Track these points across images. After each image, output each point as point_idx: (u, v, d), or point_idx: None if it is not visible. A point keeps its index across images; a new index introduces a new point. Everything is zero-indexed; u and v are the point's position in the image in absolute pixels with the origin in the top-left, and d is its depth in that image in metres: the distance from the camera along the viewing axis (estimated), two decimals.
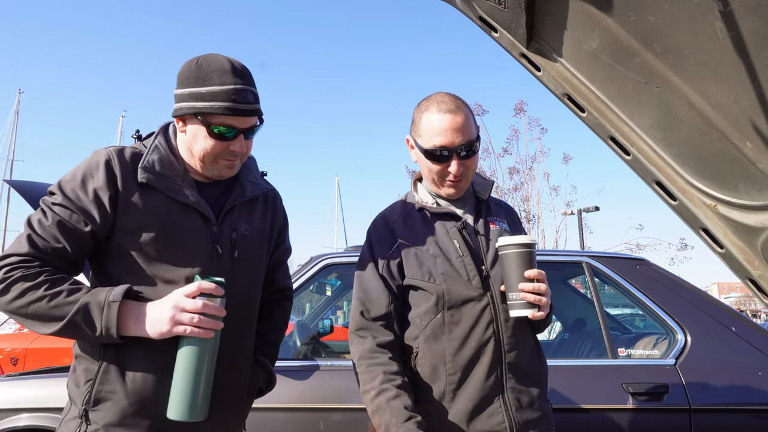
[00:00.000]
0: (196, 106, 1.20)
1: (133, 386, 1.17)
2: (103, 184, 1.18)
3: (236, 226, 1.31)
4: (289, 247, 1.56)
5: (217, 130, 1.20)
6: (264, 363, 1.42)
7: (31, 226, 1.16)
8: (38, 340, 5.76)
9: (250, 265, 1.34)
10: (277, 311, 1.52)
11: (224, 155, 1.24)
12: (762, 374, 2.11)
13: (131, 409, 1.16)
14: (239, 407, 1.35)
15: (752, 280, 0.85)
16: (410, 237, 1.39)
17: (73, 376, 1.22)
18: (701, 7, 0.57)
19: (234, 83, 1.20)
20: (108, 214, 1.18)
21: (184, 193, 1.24)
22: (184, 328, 1.12)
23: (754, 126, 0.63)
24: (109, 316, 1.11)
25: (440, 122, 1.33)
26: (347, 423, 2.09)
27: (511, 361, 1.30)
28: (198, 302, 1.13)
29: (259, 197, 1.41)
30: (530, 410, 1.30)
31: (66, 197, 1.18)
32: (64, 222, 1.16)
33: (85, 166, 1.22)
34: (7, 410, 2.18)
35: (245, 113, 1.21)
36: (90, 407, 1.16)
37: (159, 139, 1.29)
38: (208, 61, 1.23)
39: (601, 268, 2.50)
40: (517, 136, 16.07)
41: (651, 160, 0.82)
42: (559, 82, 0.86)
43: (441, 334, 1.30)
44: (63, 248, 1.16)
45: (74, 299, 1.12)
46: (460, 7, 0.92)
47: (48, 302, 1.10)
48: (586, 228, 15.58)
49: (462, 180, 1.38)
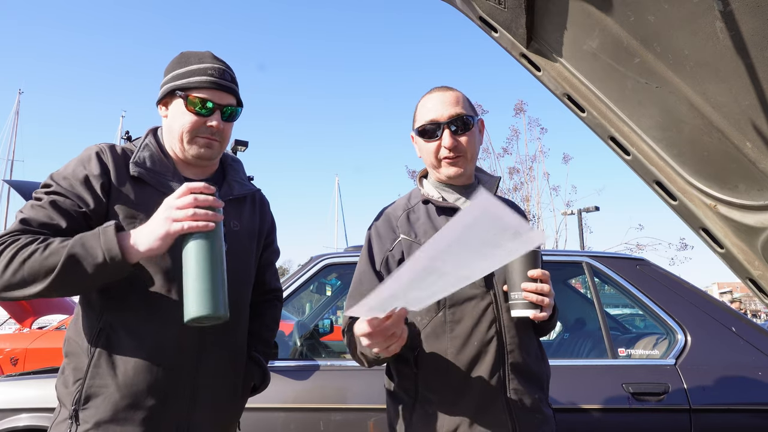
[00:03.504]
0: (176, 83, 1.28)
1: (124, 378, 1.15)
2: (96, 173, 1.20)
3: (226, 222, 1.32)
4: (278, 248, 1.60)
5: (194, 103, 1.26)
6: (258, 360, 1.44)
7: (22, 211, 1.16)
8: (38, 340, 5.77)
9: (240, 260, 1.36)
10: (268, 310, 1.55)
11: (202, 131, 1.28)
12: (762, 374, 2.11)
13: (123, 402, 1.15)
14: (234, 404, 1.35)
15: (752, 280, 0.85)
16: (413, 232, 1.36)
17: (61, 377, 1.21)
18: (701, 7, 0.57)
19: (212, 63, 1.30)
20: (101, 200, 1.19)
21: (174, 187, 1.25)
22: (180, 225, 1.09)
23: (754, 126, 0.63)
24: (107, 239, 1.07)
25: (430, 101, 1.36)
26: (347, 423, 2.09)
27: (514, 362, 1.28)
28: (189, 197, 1.11)
29: (247, 197, 1.45)
30: (533, 412, 1.27)
31: (59, 185, 1.19)
32: (58, 202, 1.16)
33: (76, 159, 1.24)
34: (7, 410, 2.18)
35: (221, 88, 1.28)
36: (80, 406, 1.15)
37: (149, 138, 1.34)
38: (191, 52, 1.34)
39: (601, 268, 2.50)
40: (517, 136, 16.11)
41: (651, 160, 0.82)
42: (559, 82, 0.86)
43: (442, 332, 1.28)
44: (56, 224, 1.14)
45: (67, 242, 1.09)
46: (460, 7, 0.92)
47: (41, 253, 1.07)
48: (586, 228, 15.59)
49: (460, 158, 1.35)
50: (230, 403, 1.33)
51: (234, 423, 1.39)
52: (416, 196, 1.45)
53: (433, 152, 1.36)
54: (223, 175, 1.42)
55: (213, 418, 1.27)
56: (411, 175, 16.02)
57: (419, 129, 1.37)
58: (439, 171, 1.39)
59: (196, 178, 1.35)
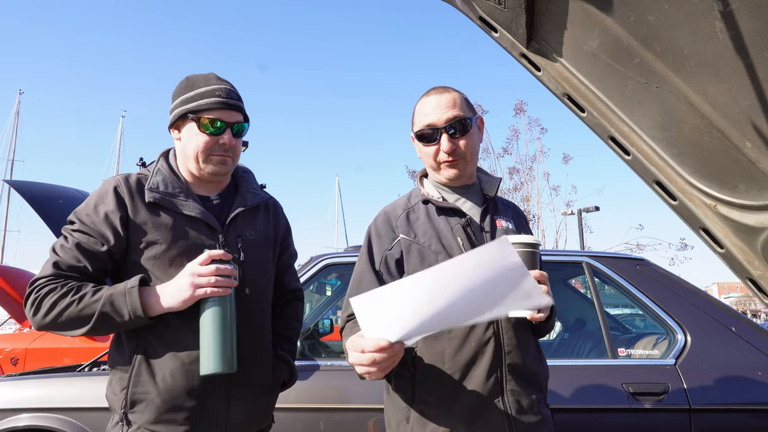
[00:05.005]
0: (187, 107, 1.37)
1: (164, 385, 1.28)
2: (113, 208, 1.31)
3: (241, 233, 1.42)
4: (295, 251, 1.68)
5: (206, 124, 1.35)
6: (284, 357, 1.53)
7: (54, 251, 1.30)
8: (38, 340, 5.76)
9: (258, 267, 1.45)
10: (289, 310, 1.63)
11: (215, 150, 1.38)
12: (762, 374, 2.11)
13: (165, 406, 1.27)
14: (265, 400, 1.46)
15: (752, 280, 0.85)
16: (413, 232, 1.36)
17: (110, 387, 1.35)
18: (701, 7, 0.57)
19: (218, 84, 1.40)
20: (121, 234, 1.31)
21: (189, 206, 1.37)
22: (204, 290, 1.25)
23: (754, 126, 0.63)
24: (132, 299, 1.24)
25: (427, 104, 1.37)
26: (347, 423, 2.09)
27: (511, 363, 1.28)
28: (211, 266, 1.27)
29: (260, 205, 1.53)
30: (530, 413, 1.27)
31: (82, 223, 1.31)
32: (82, 244, 1.29)
33: (96, 195, 1.36)
34: (7, 410, 2.18)
35: (230, 107, 1.38)
36: (128, 410, 1.28)
37: (161, 162, 1.44)
38: (196, 76, 1.42)
39: (601, 268, 2.50)
40: (517, 136, 16.11)
41: (651, 160, 0.82)
42: (559, 82, 0.86)
43: (440, 333, 1.28)
44: (84, 267, 1.29)
45: (99, 296, 1.25)
46: (460, 7, 0.92)
47: (77, 305, 1.23)
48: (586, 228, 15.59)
49: (459, 161, 1.35)
50: (263, 399, 1.44)
51: (268, 417, 1.50)
52: (416, 195, 1.45)
53: (432, 156, 1.37)
54: (236, 187, 1.51)
55: (248, 413, 1.38)
56: (411, 175, 16.03)
57: (418, 133, 1.37)
58: (439, 173, 1.40)
59: (210, 195, 1.44)
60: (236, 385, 1.35)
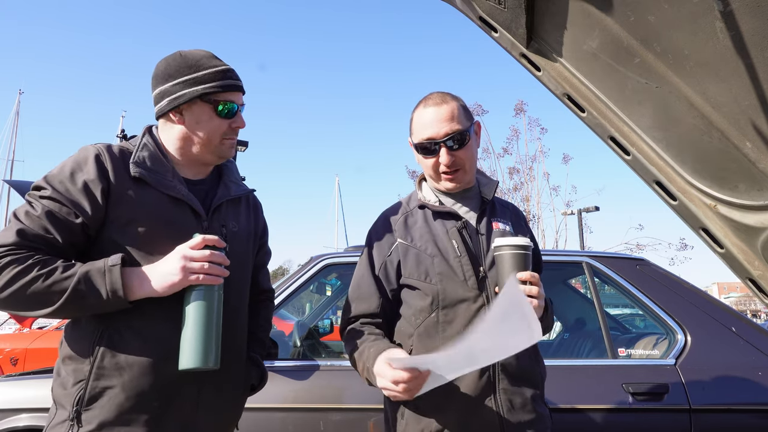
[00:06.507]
0: (198, 89, 1.25)
1: (130, 378, 1.14)
2: (94, 177, 1.17)
3: (225, 223, 1.34)
4: (270, 250, 1.61)
5: (223, 107, 1.28)
6: (256, 360, 1.45)
7: (18, 218, 1.13)
8: (38, 340, 5.77)
9: (240, 261, 1.36)
10: (262, 311, 1.56)
11: (228, 134, 1.31)
12: (762, 374, 2.10)
13: (128, 403, 1.14)
14: (234, 404, 1.35)
15: (752, 280, 0.85)
16: (410, 236, 1.39)
17: (58, 379, 1.19)
18: (701, 7, 0.57)
19: (222, 64, 1.30)
20: (99, 206, 1.17)
21: (175, 188, 1.26)
22: (196, 276, 1.15)
23: (754, 126, 0.63)
24: (113, 278, 1.10)
25: (426, 116, 1.37)
26: (347, 423, 2.09)
27: (504, 362, 1.29)
28: (205, 251, 1.17)
29: (242, 198, 1.45)
30: (523, 412, 1.28)
31: (55, 190, 1.15)
32: (54, 212, 1.14)
33: (72, 160, 1.20)
34: (7, 410, 2.17)
35: (241, 89, 1.32)
36: (83, 407, 1.13)
37: (146, 137, 1.30)
38: (190, 53, 1.30)
39: (601, 268, 2.50)
40: (517, 136, 16.12)
41: (651, 160, 0.82)
42: (559, 82, 0.86)
43: (435, 333, 1.31)
44: (53, 239, 1.13)
45: (72, 272, 1.10)
46: (460, 7, 0.92)
47: (44, 281, 1.08)
48: (586, 228, 15.60)
49: (458, 171, 1.38)
50: (233, 404, 1.34)
51: (234, 423, 1.39)
52: (414, 199, 1.48)
53: (432, 167, 1.39)
54: (219, 176, 1.42)
55: (217, 418, 1.27)
56: (411, 175, 16.05)
57: (417, 145, 1.39)
58: (438, 183, 1.43)
59: (195, 179, 1.35)
60: (208, 387, 1.24)
